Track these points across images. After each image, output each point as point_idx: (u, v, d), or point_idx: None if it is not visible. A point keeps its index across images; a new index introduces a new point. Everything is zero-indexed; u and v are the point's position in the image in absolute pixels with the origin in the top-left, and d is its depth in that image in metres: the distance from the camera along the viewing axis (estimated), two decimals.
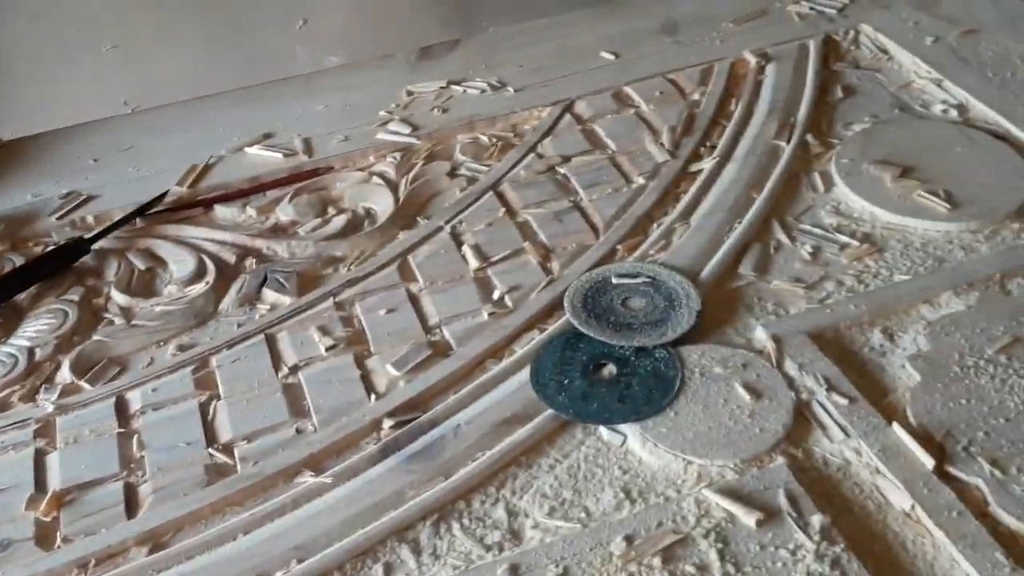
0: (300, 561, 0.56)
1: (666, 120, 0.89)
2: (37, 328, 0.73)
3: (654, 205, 0.81)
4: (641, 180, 0.83)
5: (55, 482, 0.62)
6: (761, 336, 0.67)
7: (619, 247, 0.77)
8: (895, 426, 0.58)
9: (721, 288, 0.72)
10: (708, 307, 0.69)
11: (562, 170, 0.86)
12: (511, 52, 1.03)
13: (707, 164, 0.84)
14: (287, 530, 0.58)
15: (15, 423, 0.66)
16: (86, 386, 0.69)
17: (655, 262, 0.74)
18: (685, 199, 0.81)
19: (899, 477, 0.56)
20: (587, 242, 0.78)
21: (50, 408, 0.66)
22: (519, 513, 0.57)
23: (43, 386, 0.69)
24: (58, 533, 0.59)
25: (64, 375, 0.69)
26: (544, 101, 0.95)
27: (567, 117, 0.93)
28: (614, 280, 0.73)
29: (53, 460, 0.63)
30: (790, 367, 0.64)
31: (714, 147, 0.86)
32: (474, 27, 1.21)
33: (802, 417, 0.61)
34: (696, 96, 0.93)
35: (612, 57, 1.01)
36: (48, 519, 0.59)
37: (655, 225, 0.79)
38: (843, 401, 0.60)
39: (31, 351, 0.71)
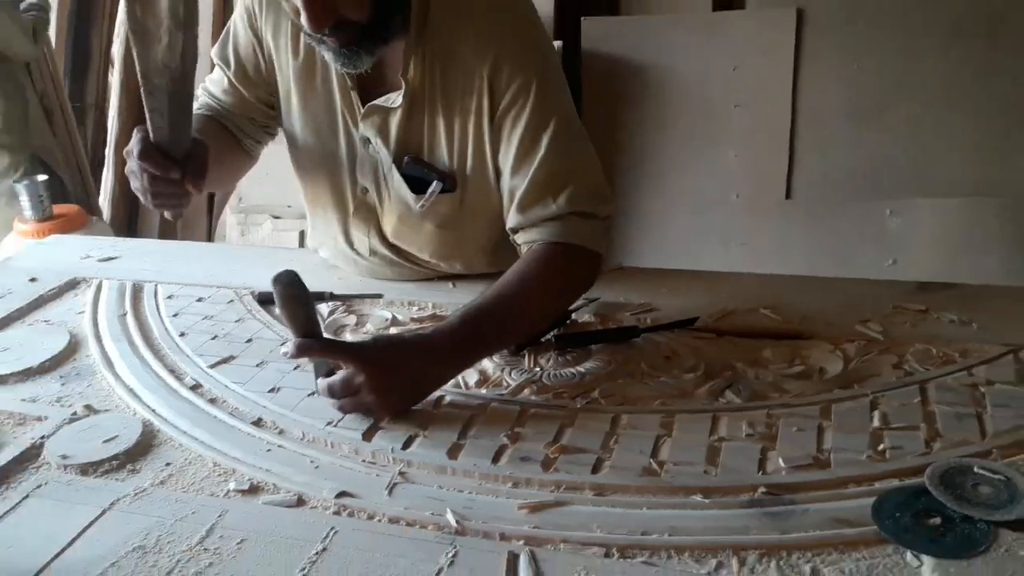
0: (669, 535, 0.82)
1: None
2: (594, 365, 1.10)
3: None
4: None
5: (565, 440, 0.96)
6: None
7: (995, 450, 0.89)
8: None
9: None
10: None
11: (983, 389, 1.00)
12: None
13: None
14: (669, 516, 0.84)
15: (559, 406, 1.02)
16: (602, 402, 1.03)
17: (1020, 470, 0.86)
18: None
19: None
20: (971, 440, 0.92)
21: (580, 404, 1.01)
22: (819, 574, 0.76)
23: (580, 394, 1.04)
24: (554, 465, 0.92)
25: (595, 394, 1.04)
26: (999, 341, 1.09)
27: (1010, 357, 1.05)
28: (976, 469, 0.86)
29: (568, 432, 0.98)
30: None
31: None
32: None
33: None
34: None
35: None
36: (553, 456, 0.93)
37: None
38: None
39: (584, 375, 1.08)
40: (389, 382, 0.99)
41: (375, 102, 1.18)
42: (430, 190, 1.21)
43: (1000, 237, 2.70)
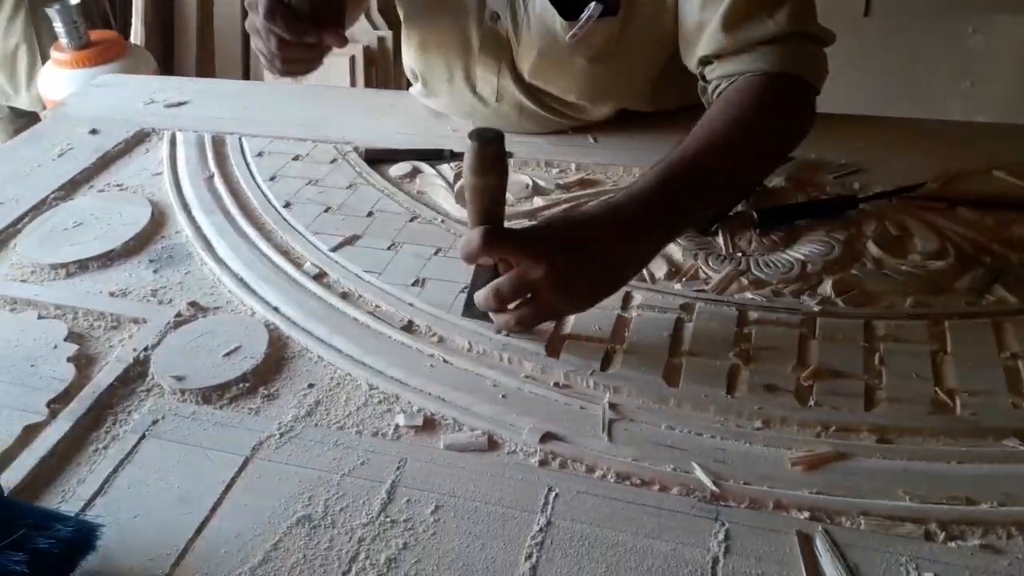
0: (1003, 504, 0.57)
1: None
2: (810, 249, 0.82)
3: None
4: None
5: (813, 361, 0.70)
6: None
7: None
8: None
9: None
10: None
11: None
12: None
13: None
14: (995, 475, 0.59)
15: (788, 308, 0.76)
16: (839, 303, 0.76)
17: None
18: None
19: None
20: None
21: (818, 308, 0.75)
22: None
23: (807, 291, 0.78)
24: (811, 397, 0.67)
25: (825, 288, 0.77)
26: None
27: None
28: None
29: (812, 346, 0.72)
30: None
31: None
32: None
33: None
34: None
35: None
36: (806, 383, 0.68)
37: None
38: None
39: (804, 264, 0.80)
40: (575, 273, 0.68)
41: None
42: (586, 14, 0.89)
43: None
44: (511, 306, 0.70)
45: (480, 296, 0.71)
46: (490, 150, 0.66)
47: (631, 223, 0.70)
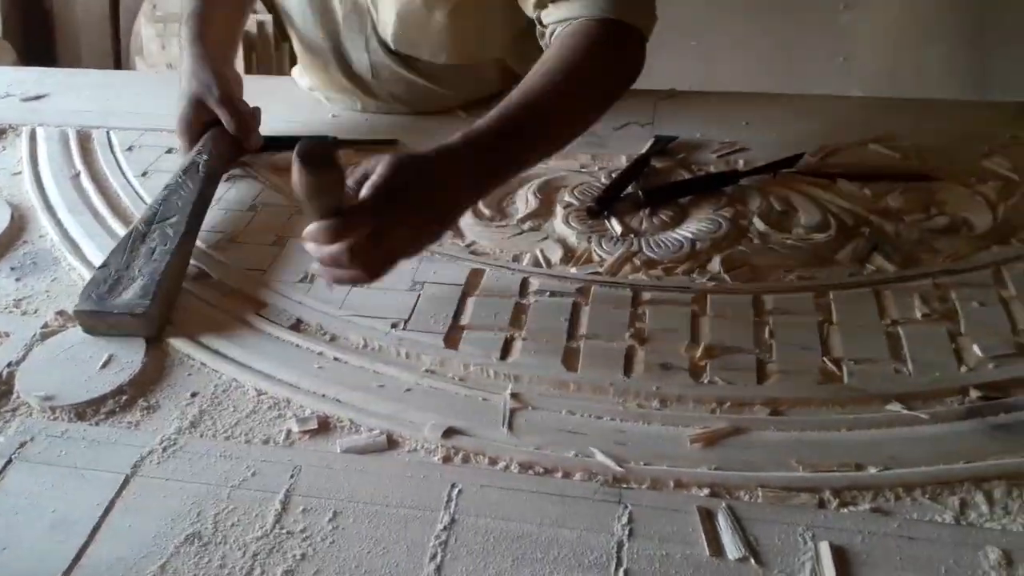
0: (888, 468, 0.59)
1: None
2: (698, 227, 0.83)
3: None
4: None
5: (706, 338, 0.71)
6: None
7: None
8: None
9: None
10: None
11: None
12: None
13: None
14: (882, 440, 0.61)
15: (679, 287, 0.76)
16: (728, 279, 0.77)
17: None
18: None
19: None
20: None
21: (708, 285, 0.76)
22: None
23: (697, 269, 0.78)
24: (705, 374, 0.68)
25: (714, 266, 0.78)
26: None
27: None
28: None
29: (704, 323, 0.72)
30: None
31: None
32: None
33: None
34: None
35: None
36: (701, 362, 0.68)
37: None
38: None
39: (693, 242, 0.81)
40: (420, 213, 0.66)
41: None
42: None
43: (940, 31, 2.48)
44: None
45: (333, 254, 0.63)
46: (319, 175, 0.59)
47: (466, 160, 0.68)
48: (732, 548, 0.53)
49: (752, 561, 0.53)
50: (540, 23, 0.86)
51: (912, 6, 2.38)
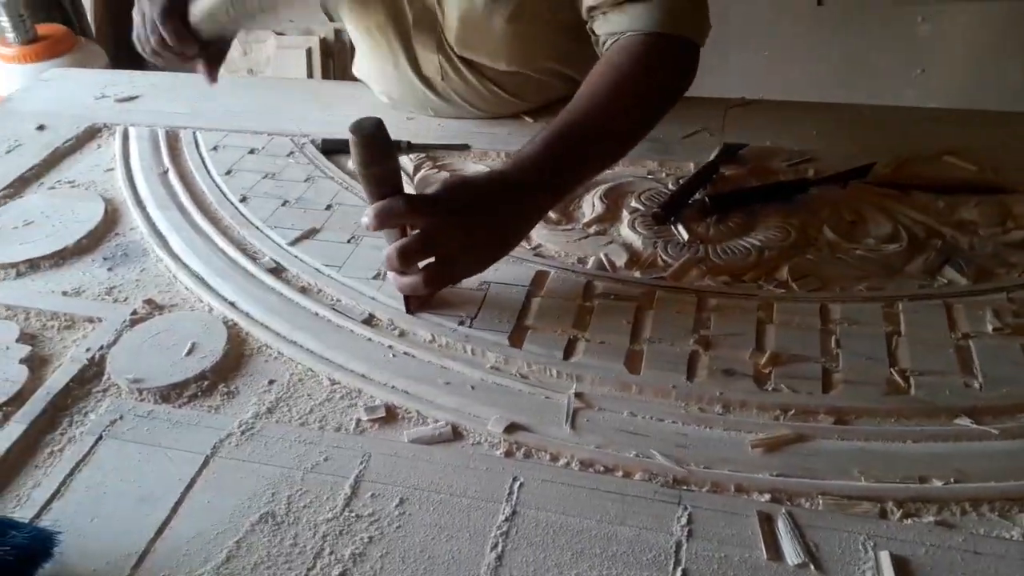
0: (957, 481, 0.58)
1: None
2: (767, 235, 0.83)
3: None
4: None
5: (771, 345, 0.71)
6: None
7: None
8: None
9: None
10: None
11: None
12: None
13: None
14: (948, 453, 0.61)
15: (745, 294, 0.76)
16: (795, 287, 0.77)
17: None
18: None
19: None
20: None
21: (776, 292, 0.76)
22: None
23: (764, 276, 0.78)
24: (770, 381, 0.68)
25: (782, 274, 0.78)
26: None
27: None
28: None
29: (770, 330, 0.72)
30: None
31: None
32: None
33: None
34: None
35: None
36: (765, 369, 0.69)
37: None
38: None
39: (761, 250, 0.81)
40: (474, 230, 0.71)
41: None
42: None
43: (1019, 44, 2.40)
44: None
45: (388, 254, 0.70)
46: (368, 143, 0.67)
47: (516, 187, 0.72)
48: (791, 553, 0.54)
49: (812, 567, 0.53)
50: (593, 32, 0.87)
51: (990, 19, 2.31)
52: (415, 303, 0.75)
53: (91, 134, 1.10)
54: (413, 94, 1.06)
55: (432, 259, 0.71)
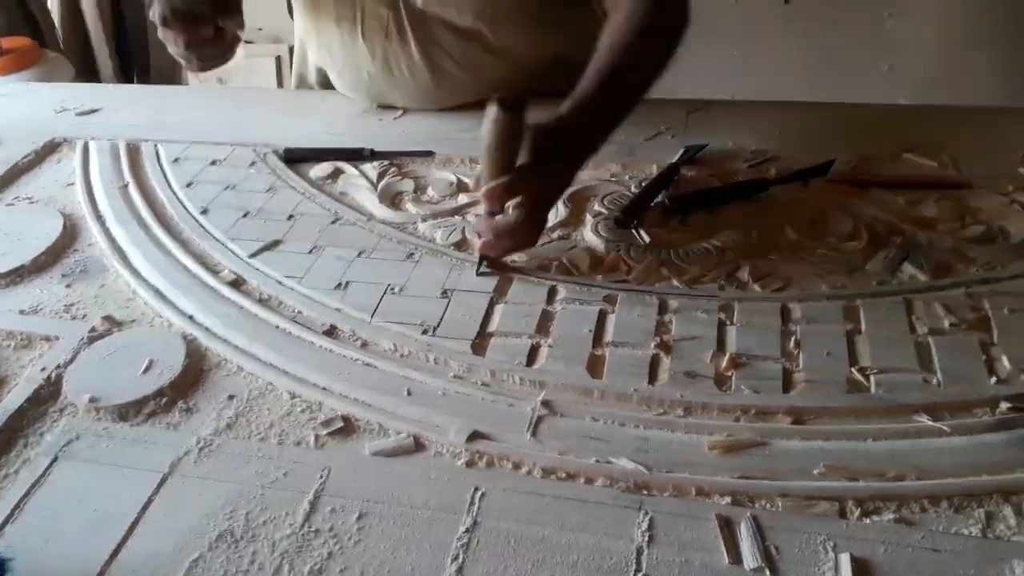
0: (919, 478, 0.58)
1: None
2: (728, 236, 0.83)
3: None
4: None
5: (732, 347, 0.71)
6: None
7: None
8: None
9: None
10: None
11: None
12: None
13: None
14: (908, 451, 0.61)
15: (706, 296, 0.76)
16: (757, 288, 0.77)
17: None
18: None
19: None
20: None
21: (736, 293, 0.75)
22: None
23: (725, 278, 0.78)
24: (730, 383, 0.67)
25: (743, 275, 0.78)
26: None
27: None
28: None
29: (731, 332, 0.72)
30: None
31: None
32: None
33: None
34: None
35: None
36: (725, 371, 0.68)
37: None
38: None
39: (722, 251, 0.81)
40: (560, 172, 0.83)
41: None
42: None
43: (985, 36, 2.43)
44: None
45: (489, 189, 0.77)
46: (511, 121, 0.74)
47: (574, 127, 0.81)
48: (749, 557, 0.53)
49: (767, 572, 0.52)
50: None
51: (957, 13, 2.33)
52: (498, 250, 0.79)
53: (51, 148, 1.08)
54: (355, 71, 1.05)
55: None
